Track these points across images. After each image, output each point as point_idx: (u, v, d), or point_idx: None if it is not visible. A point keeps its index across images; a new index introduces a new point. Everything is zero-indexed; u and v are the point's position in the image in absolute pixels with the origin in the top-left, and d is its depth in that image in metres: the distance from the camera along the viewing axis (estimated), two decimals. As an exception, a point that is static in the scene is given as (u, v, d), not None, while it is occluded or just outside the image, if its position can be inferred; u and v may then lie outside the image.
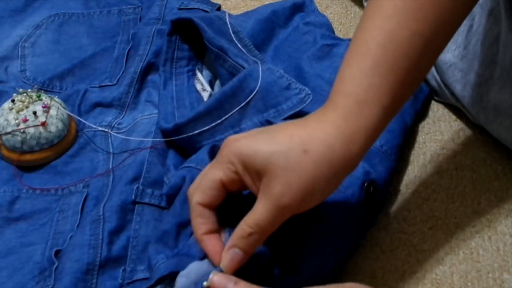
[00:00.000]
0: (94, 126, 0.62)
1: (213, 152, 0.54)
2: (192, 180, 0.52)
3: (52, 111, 0.60)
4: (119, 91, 0.66)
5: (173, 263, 0.46)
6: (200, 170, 0.52)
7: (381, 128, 0.42)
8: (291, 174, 0.39)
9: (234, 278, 0.40)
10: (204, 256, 0.44)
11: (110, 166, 0.59)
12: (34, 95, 0.61)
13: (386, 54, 0.41)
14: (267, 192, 0.40)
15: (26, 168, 0.60)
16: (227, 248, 0.42)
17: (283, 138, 0.41)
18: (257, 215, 0.41)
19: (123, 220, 0.54)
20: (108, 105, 0.65)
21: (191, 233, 0.49)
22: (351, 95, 0.41)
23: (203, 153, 0.54)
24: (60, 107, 0.61)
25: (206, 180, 0.43)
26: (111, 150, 0.61)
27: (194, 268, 0.44)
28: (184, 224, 0.50)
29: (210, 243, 0.43)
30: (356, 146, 0.41)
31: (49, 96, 0.61)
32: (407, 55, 0.41)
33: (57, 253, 0.52)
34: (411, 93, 0.46)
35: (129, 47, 0.71)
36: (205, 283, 0.41)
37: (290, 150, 0.40)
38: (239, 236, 0.41)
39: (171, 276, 0.46)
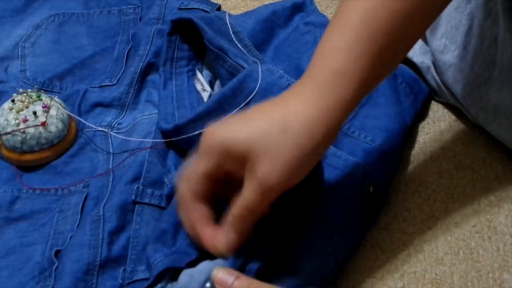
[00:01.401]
0: (94, 126, 0.62)
1: None
2: None
3: (52, 111, 0.60)
4: (119, 91, 0.66)
5: (170, 259, 0.46)
6: None
7: (358, 100, 0.43)
8: (273, 155, 0.40)
9: (236, 273, 0.41)
10: (202, 255, 0.44)
11: (110, 166, 0.59)
12: (34, 95, 0.61)
13: (366, 30, 0.41)
14: (251, 175, 0.41)
15: (26, 168, 0.60)
16: (223, 233, 0.43)
17: (262, 121, 0.41)
18: (245, 199, 0.41)
19: (123, 220, 0.54)
20: (108, 105, 0.65)
21: None
22: (329, 68, 0.41)
23: None
24: (60, 107, 0.61)
25: (191, 174, 0.43)
26: (111, 150, 0.61)
27: (200, 268, 0.44)
28: (182, 224, 0.50)
29: (205, 232, 0.43)
30: (333, 118, 0.41)
31: (49, 96, 0.61)
32: (387, 32, 0.42)
33: (57, 253, 0.52)
34: (390, 70, 0.47)
35: (129, 47, 0.71)
36: (208, 284, 0.41)
37: (269, 131, 0.40)
38: (231, 222, 0.42)
39: (171, 274, 0.46)
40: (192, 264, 0.45)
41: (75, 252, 0.50)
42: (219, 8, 0.74)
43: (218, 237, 0.43)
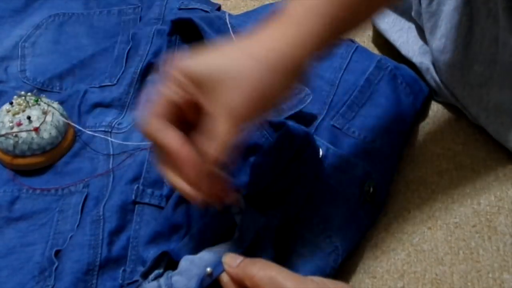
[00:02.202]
0: (91, 133, 0.62)
1: None
2: None
3: (48, 117, 0.59)
4: (119, 91, 0.66)
5: (159, 250, 0.46)
6: None
7: (332, 38, 0.43)
8: (242, 82, 0.40)
9: (242, 257, 0.41)
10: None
11: (110, 166, 0.59)
12: (32, 99, 0.60)
13: None
14: (220, 104, 0.40)
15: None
16: (202, 178, 0.41)
17: (233, 50, 0.41)
18: (219, 134, 0.40)
19: (123, 220, 0.54)
20: (108, 105, 0.65)
21: (184, 235, 0.49)
22: (301, 3, 0.42)
23: None
24: (56, 113, 0.60)
25: (157, 99, 0.42)
26: (111, 151, 0.61)
27: (201, 254, 0.44)
28: (177, 227, 0.50)
29: (169, 134, 0.41)
30: (303, 50, 0.41)
31: (47, 102, 0.61)
32: None
33: (57, 253, 0.52)
34: (366, 15, 0.46)
35: (129, 47, 0.71)
36: (208, 269, 0.41)
37: (240, 59, 0.40)
38: (209, 165, 0.40)
39: (166, 263, 0.46)
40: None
41: (75, 252, 0.50)
42: (219, 8, 0.74)
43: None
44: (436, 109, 0.66)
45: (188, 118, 0.43)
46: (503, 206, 0.56)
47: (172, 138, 0.41)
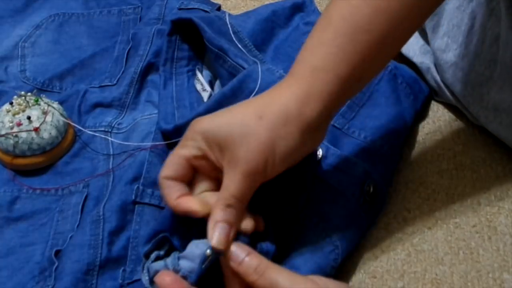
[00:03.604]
0: (91, 132, 0.62)
1: None
2: None
3: (48, 117, 0.59)
4: (119, 91, 0.66)
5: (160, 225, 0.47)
6: None
7: (338, 95, 0.44)
8: (249, 140, 0.41)
9: (247, 249, 0.42)
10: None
11: (110, 166, 0.59)
12: (32, 99, 0.60)
13: (347, 26, 0.43)
14: (231, 163, 0.42)
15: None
16: (212, 226, 0.42)
17: (239, 109, 0.43)
18: (229, 187, 0.42)
19: (123, 220, 0.54)
20: (108, 105, 0.65)
21: (184, 235, 0.49)
22: (307, 62, 0.43)
23: None
24: (56, 113, 0.60)
25: (171, 157, 0.45)
26: (111, 151, 0.61)
27: (206, 240, 0.44)
28: (177, 227, 0.50)
29: (185, 204, 0.44)
30: (311, 108, 0.42)
31: (48, 102, 0.61)
32: (368, 30, 0.43)
33: (57, 253, 0.52)
34: (375, 70, 0.47)
35: (129, 47, 0.71)
36: (208, 251, 0.42)
37: (245, 118, 0.42)
38: (219, 212, 0.42)
39: (168, 246, 0.46)
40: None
41: (75, 252, 0.50)
42: (219, 8, 0.74)
43: (208, 234, 0.43)
44: (436, 109, 0.66)
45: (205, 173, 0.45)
46: (503, 206, 0.56)
47: (177, 194, 0.44)
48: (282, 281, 0.39)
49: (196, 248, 0.43)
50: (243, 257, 0.41)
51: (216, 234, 0.42)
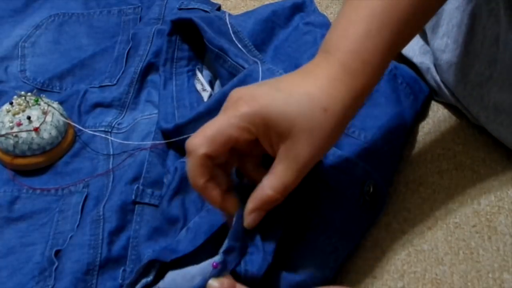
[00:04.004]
0: (91, 132, 0.62)
1: None
2: (182, 175, 0.52)
3: (48, 117, 0.59)
4: (119, 91, 0.66)
5: (155, 254, 0.46)
6: None
7: (376, 84, 0.46)
8: (315, 134, 0.41)
9: (231, 283, 0.41)
10: (193, 251, 0.44)
11: (110, 166, 0.59)
12: (32, 99, 0.60)
13: (391, 19, 0.43)
14: (290, 153, 0.41)
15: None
16: (250, 211, 0.42)
17: (303, 98, 0.41)
18: (283, 178, 0.41)
19: (123, 220, 0.54)
20: (108, 105, 0.65)
21: (181, 229, 0.49)
22: (358, 55, 0.43)
23: None
24: (56, 113, 0.60)
25: (219, 133, 0.41)
26: (111, 151, 0.61)
27: (183, 272, 0.44)
28: (173, 221, 0.50)
29: (214, 192, 0.42)
30: (360, 102, 0.44)
31: (48, 102, 0.61)
32: (406, 20, 0.44)
33: (57, 253, 0.52)
34: (410, 37, 0.49)
35: (129, 47, 0.71)
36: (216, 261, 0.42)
37: (313, 111, 0.41)
38: (265, 202, 0.42)
39: (157, 270, 0.45)
40: (178, 261, 0.45)
41: (75, 252, 0.51)
42: (219, 8, 0.74)
43: (245, 215, 0.43)
44: (436, 109, 0.66)
45: (241, 149, 0.43)
46: (503, 206, 0.56)
47: (207, 176, 0.42)
48: None
49: (173, 283, 0.43)
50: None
51: (251, 220, 0.42)
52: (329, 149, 0.45)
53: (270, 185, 0.42)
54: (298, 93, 0.42)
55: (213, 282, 0.41)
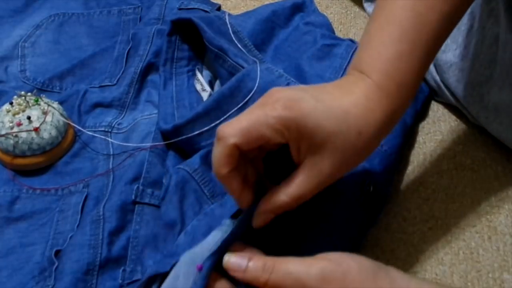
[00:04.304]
0: (91, 133, 0.62)
1: (206, 158, 0.54)
2: (177, 181, 0.52)
3: (48, 117, 0.59)
4: (119, 91, 0.66)
5: (154, 268, 0.46)
6: (188, 172, 0.52)
7: (410, 105, 0.46)
8: (346, 155, 0.41)
9: (247, 255, 0.41)
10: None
11: (110, 166, 0.59)
12: (32, 99, 0.60)
13: (421, 38, 0.43)
14: (316, 168, 0.41)
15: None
16: (261, 212, 0.42)
17: (342, 116, 0.41)
18: (302, 187, 0.41)
19: (123, 220, 0.54)
20: (108, 105, 0.65)
21: (179, 233, 0.49)
22: (392, 77, 0.43)
23: (196, 157, 0.55)
24: (56, 113, 0.60)
25: (254, 128, 0.40)
26: (111, 151, 0.61)
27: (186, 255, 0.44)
28: (171, 225, 0.50)
29: (235, 182, 0.42)
30: (394, 122, 0.44)
31: (48, 102, 0.61)
32: (436, 37, 0.44)
33: (57, 253, 0.52)
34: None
35: (129, 47, 0.71)
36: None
37: (348, 132, 0.41)
38: (278, 206, 0.42)
39: (161, 279, 0.45)
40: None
41: (75, 252, 0.51)
42: (219, 8, 0.74)
43: (255, 215, 0.43)
44: (436, 109, 0.66)
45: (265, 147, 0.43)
46: (503, 206, 0.56)
47: (232, 167, 0.41)
48: (295, 268, 0.38)
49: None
50: (246, 263, 0.40)
51: (260, 221, 0.42)
52: (354, 168, 0.44)
53: (287, 191, 0.42)
54: (338, 110, 0.41)
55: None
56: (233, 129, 0.40)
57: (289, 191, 0.41)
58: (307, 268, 0.38)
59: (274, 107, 0.40)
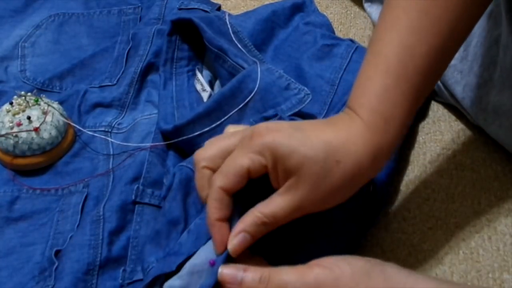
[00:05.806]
0: (91, 133, 0.62)
1: None
2: (181, 178, 0.52)
3: (48, 117, 0.59)
4: (119, 91, 0.66)
5: (159, 267, 0.46)
6: (191, 169, 0.52)
7: (400, 139, 0.45)
8: (321, 181, 0.41)
9: (242, 266, 0.41)
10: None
11: (110, 166, 0.59)
12: (32, 99, 0.60)
13: (407, 71, 0.43)
14: (292, 191, 0.41)
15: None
16: (236, 232, 0.42)
17: (319, 144, 0.41)
18: (276, 208, 0.41)
19: (123, 220, 0.54)
20: (108, 105, 0.65)
21: (182, 231, 0.49)
22: (378, 112, 0.43)
23: None
24: (56, 113, 0.60)
25: (232, 166, 0.42)
26: (111, 151, 0.61)
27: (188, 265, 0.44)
28: (174, 222, 0.50)
29: (220, 230, 0.42)
30: (380, 161, 0.43)
31: (48, 102, 0.61)
32: (424, 71, 0.43)
33: (57, 253, 0.52)
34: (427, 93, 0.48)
35: (129, 47, 0.71)
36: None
37: (326, 159, 0.41)
38: (252, 223, 0.42)
39: (163, 280, 0.45)
40: (182, 264, 0.45)
41: (75, 252, 0.50)
42: (219, 8, 0.74)
43: (230, 237, 0.43)
44: (436, 109, 0.66)
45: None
46: (503, 206, 0.56)
47: (220, 215, 0.42)
48: (290, 279, 0.39)
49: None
50: (241, 274, 0.40)
51: (235, 243, 0.42)
52: (336, 204, 0.43)
53: (260, 209, 0.42)
54: (316, 138, 0.42)
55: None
56: (220, 173, 0.42)
57: (262, 209, 0.42)
58: (301, 278, 0.39)
59: (250, 138, 0.42)
